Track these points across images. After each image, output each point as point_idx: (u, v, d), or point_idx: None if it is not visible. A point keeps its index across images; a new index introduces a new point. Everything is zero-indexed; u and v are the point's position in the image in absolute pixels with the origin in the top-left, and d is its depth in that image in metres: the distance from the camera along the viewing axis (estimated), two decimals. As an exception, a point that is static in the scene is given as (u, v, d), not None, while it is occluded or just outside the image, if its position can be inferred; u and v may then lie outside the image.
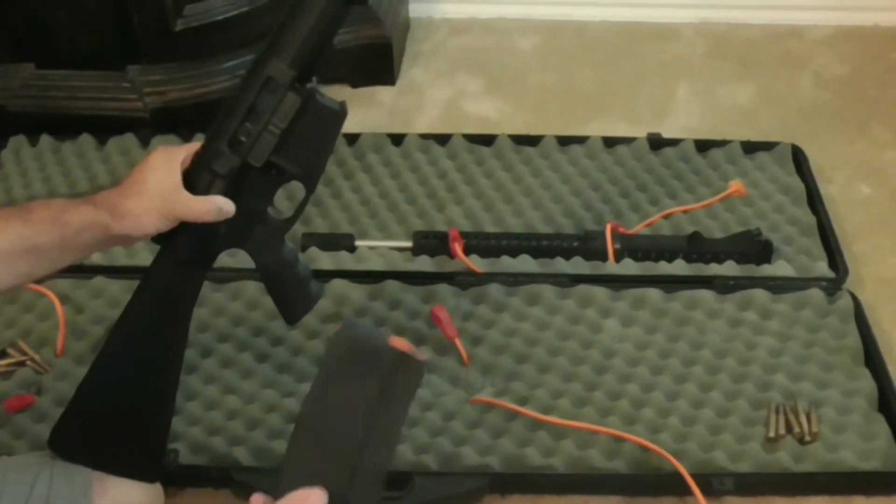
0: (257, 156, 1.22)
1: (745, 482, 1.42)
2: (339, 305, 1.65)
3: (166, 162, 1.20)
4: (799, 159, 1.94)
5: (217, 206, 1.21)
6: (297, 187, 1.27)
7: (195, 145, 1.23)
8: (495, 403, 1.51)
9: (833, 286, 1.68)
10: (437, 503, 1.40)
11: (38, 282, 1.59)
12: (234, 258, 1.57)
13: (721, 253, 1.73)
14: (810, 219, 1.82)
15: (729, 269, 1.71)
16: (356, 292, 1.66)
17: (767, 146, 1.97)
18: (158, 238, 1.24)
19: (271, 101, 1.21)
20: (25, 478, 1.23)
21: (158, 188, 1.19)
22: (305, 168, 1.24)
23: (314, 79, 1.25)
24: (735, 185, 1.86)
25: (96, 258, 1.68)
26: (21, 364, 1.56)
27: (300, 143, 1.22)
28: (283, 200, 1.47)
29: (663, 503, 1.42)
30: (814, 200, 1.86)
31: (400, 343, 0.92)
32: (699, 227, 1.79)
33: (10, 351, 1.58)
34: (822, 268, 1.72)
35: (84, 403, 1.26)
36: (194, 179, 1.22)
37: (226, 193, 1.22)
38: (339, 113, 1.24)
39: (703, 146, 1.97)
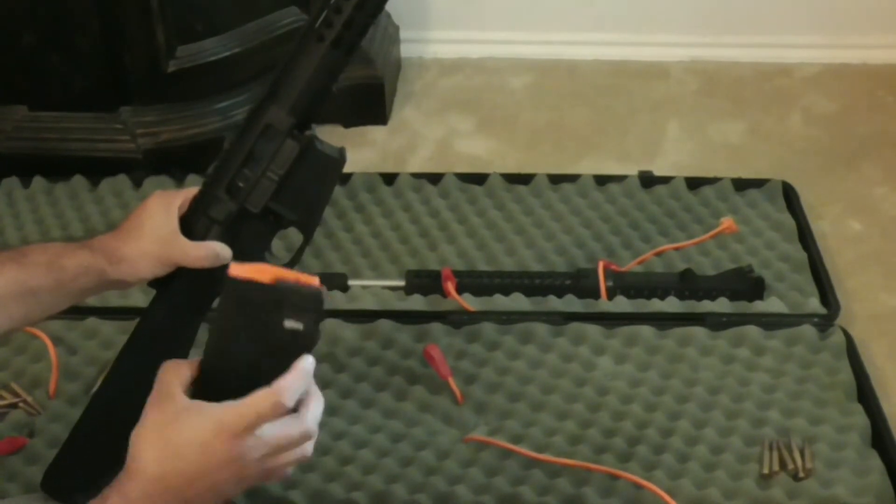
0: (255, 202, 1.22)
1: (739, 520, 1.41)
2: (332, 345, 1.64)
3: (163, 207, 1.20)
4: (790, 196, 1.95)
5: (214, 251, 1.20)
6: (293, 233, 1.27)
7: (192, 190, 1.23)
8: (489, 442, 1.50)
9: (825, 322, 1.68)
10: (431, 543, 1.40)
11: (32, 324, 1.59)
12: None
13: (713, 290, 1.73)
14: (802, 255, 1.83)
15: (721, 305, 1.71)
16: (349, 332, 1.66)
17: (758, 183, 1.98)
18: (155, 283, 1.24)
19: (270, 148, 1.20)
20: (18, 521, 1.22)
21: (155, 233, 1.18)
22: (303, 215, 1.24)
23: (313, 126, 1.25)
24: (726, 222, 1.87)
25: (89, 299, 1.67)
26: (13, 406, 1.55)
27: (298, 190, 1.22)
28: (280, 245, 1.47)
29: (658, 541, 1.42)
30: (805, 237, 1.87)
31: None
32: (691, 265, 1.79)
33: (3, 393, 1.57)
34: (814, 304, 1.72)
35: (78, 445, 1.25)
36: (191, 225, 1.21)
37: (223, 239, 1.22)
38: (338, 160, 1.23)
39: (694, 183, 1.98)
